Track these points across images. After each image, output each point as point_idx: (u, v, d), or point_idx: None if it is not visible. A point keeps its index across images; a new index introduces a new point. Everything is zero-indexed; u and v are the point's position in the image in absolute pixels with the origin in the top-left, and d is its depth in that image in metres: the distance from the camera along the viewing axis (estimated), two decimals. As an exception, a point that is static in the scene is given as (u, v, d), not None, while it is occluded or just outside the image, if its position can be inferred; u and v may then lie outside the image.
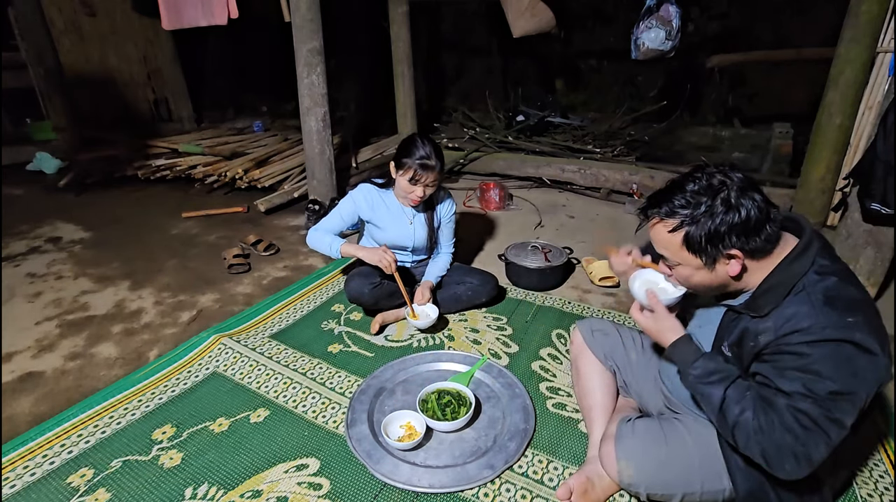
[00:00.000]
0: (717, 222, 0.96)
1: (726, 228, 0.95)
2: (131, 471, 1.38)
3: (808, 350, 0.91)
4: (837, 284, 0.94)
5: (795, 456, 0.92)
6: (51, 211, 3.56)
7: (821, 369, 0.89)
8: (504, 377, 1.73)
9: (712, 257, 0.99)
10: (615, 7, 5.45)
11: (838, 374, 0.89)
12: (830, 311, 0.91)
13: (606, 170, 3.83)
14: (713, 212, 0.96)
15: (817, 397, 0.90)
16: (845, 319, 0.90)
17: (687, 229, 0.98)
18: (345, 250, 1.95)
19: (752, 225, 0.95)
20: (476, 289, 2.15)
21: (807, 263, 0.97)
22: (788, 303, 0.96)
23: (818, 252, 0.99)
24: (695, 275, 1.04)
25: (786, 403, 0.93)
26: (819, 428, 0.91)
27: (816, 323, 0.91)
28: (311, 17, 3.04)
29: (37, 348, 1.98)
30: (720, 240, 0.96)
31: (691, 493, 1.12)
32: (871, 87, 2.58)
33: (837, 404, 0.90)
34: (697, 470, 1.10)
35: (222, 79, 6.48)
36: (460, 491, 1.32)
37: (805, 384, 0.91)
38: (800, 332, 0.92)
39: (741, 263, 0.99)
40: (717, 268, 1.01)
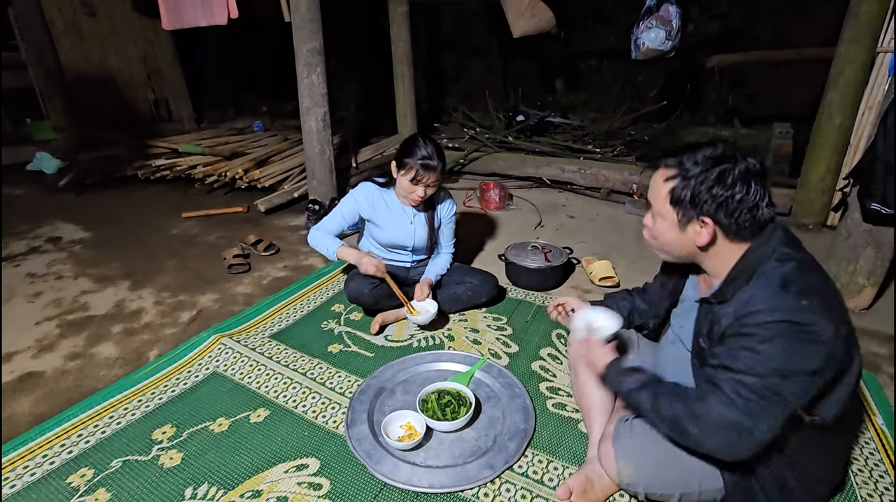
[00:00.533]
0: (704, 187, 1.00)
1: (709, 196, 1.00)
2: (131, 471, 1.38)
3: (758, 330, 0.94)
4: (795, 270, 0.98)
5: (738, 432, 0.95)
6: (51, 211, 3.57)
7: (768, 348, 0.93)
8: (504, 377, 1.73)
9: (687, 217, 1.04)
10: (615, 7, 5.45)
11: (784, 353, 0.92)
12: (784, 294, 0.95)
13: (606, 170, 3.83)
14: (706, 177, 1.00)
15: (762, 374, 0.93)
16: (798, 302, 0.93)
17: (678, 182, 1.04)
18: (341, 254, 1.96)
19: (734, 205, 0.99)
20: (476, 289, 2.15)
21: (768, 250, 1.01)
22: (748, 288, 1.00)
23: (781, 241, 1.02)
24: (667, 232, 1.09)
25: (730, 378, 0.96)
26: (763, 402, 0.93)
27: (769, 305, 0.95)
28: (311, 17, 3.04)
29: (37, 348, 1.98)
30: (700, 203, 1.01)
31: (689, 493, 1.12)
32: (871, 87, 2.58)
33: (782, 382, 0.93)
34: (696, 470, 1.10)
35: (222, 79, 6.48)
36: (460, 491, 1.32)
37: (752, 361, 0.94)
38: (753, 314, 0.96)
39: (711, 235, 1.03)
40: (688, 230, 1.06)
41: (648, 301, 1.47)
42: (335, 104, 3.93)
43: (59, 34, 4.77)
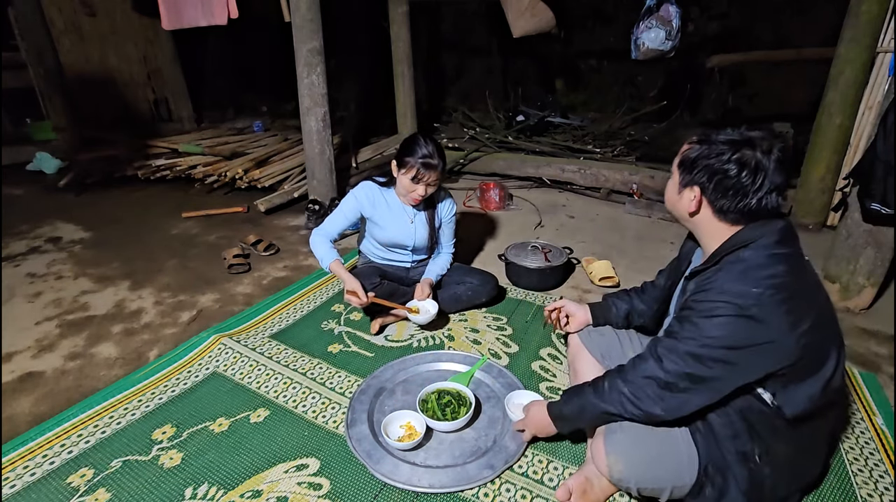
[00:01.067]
0: (705, 157, 1.06)
1: (705, 167, 1.06)
2: (131, 471, 1.38)
3: (701, 306, 1.02)
4: (768, 260, 1.00)
5: (656, 384, 1.05)
6: (51, 211, 3.57)
7: (704, 322, 1.00)
8: (504, 377, 1.73)
9: (685, 181, 1.11)
10: (615, 7, 5.46)
11: (716, 330, 0.99)
12: (740, 279, 0.99)
13: (606, 170, 3.83)
14: (713, 150, 1.05)
15: (692, 342, 1.01)
16: (749, 289, 0.97)
17: (695, 147, 1.09)
18: (333, 268, 1.94)
19: (727, 184, 1.04)
20: (476, 289, 2.15)
21: (753, 236, 1.03)
22: (718, 267, 1.06)
23: (774, 232, 1.03)
24: (670, 191, 1.18)
25: (665, 343, 1.06)
26: (683, 363, 1.02)
27: (720, 286, 1.01)
28: (311, 17, 3.04)
29: (37, 348, 1.98)
30: (694, 170, 1.08)
31: (681, 487, 1.13)
32: (871, 87, 2.58)
33: (705, 352, 1.00)
34: (686, 464, 1.11)
35: (222, 79, 6.48)
36: (460, 491, 1.32)
37: (688, 331, 1.03)
38: (705, 291, 1.03)
39: (697, 205, 1.10)
40: (683, 195, 1.12)
41: (648, 301, 1.48)
42: (335, 104, 3.93)
43: (59, 34, 4.77)
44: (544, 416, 1.29)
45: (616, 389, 1.11)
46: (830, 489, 1.31)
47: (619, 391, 1.11)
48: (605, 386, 1.14)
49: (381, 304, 1.92)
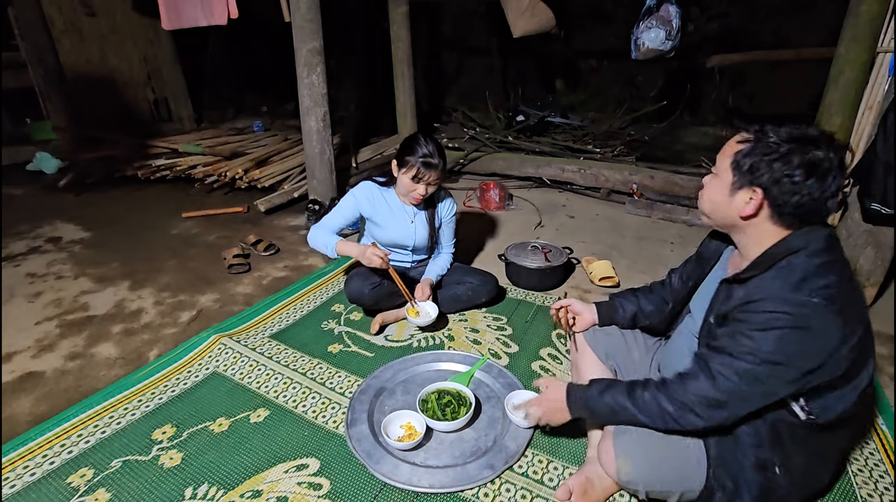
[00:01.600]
0: (768, 158, 0.98)
1: (768, 168, 0.98)
2: (131, 471, 1.38)
3: (757, 317, 0.96)
4: (820, 268, 0.96)
5: (708, 405, 1.00)
6: (51, 211, 3.56)
7: (761, 335, 0.94)
8: (504, 377, 1.73)
9: (741, 183, 1.02)
10: (615, 7, 5.46)
11: (776, 345, 0.93)
12: (797, 289, 0.94)
13: (606, 170, 3.83)
14: (775, 150, 0.97)
15: (750, 360, 0.95)
16: (808, 299, 0.92)
17: (749, 145, 1.01)
18: (340, 249, 1.95)
19: (790, 187, 0.96)
20: (476, 288, 2.15)
21: (802, 242, 0.99)
22: (768, 274, 1.00)
23: (821, 238, 0.99)
24: (716, 192, 1.08)
25: (720, 360, 0.99)
26: (742, 384, 0.97)
27: (777, 295, 0.95)
28: (311, 17, 3.04)
29: (37, 348, 1.98)
30: (757, 172, 0.99)
31: (690, 491, 1.11)
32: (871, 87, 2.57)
33: (767, 371, 0.95)
34: (695, 468, 1.10)
35: (222, 79, 6.48)
36: (460, 491, 1.32)
37: (745, 346, 0.96)
38: (759, 301, 0.96)
39: (756, 207, 1.01)
40: (736, 196, 1.04)
41: (656, 301, 1.45)
42: (335, 104, 3.93)
43: (59, 34, 4.76)
44: (561, 398, 1.23)
45: (657, 403, 1.06)
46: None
47: (662, 407, 1.05)
48: (644, 395, 1.09)
49: (395, 279, 1.92)
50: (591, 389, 1.18)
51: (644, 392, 1.09)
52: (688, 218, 3.28)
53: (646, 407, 1.08)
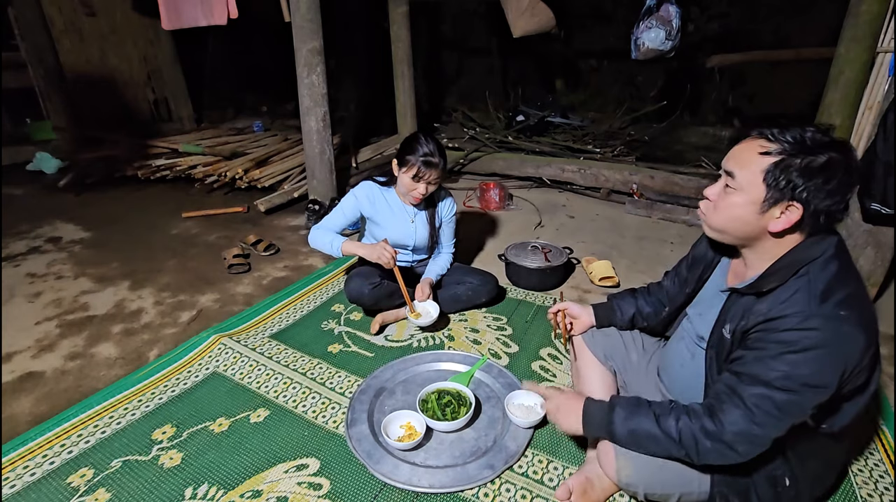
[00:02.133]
0: (807, 171, 0.91)
1: (809, 182, 0.91)
2: (131, 471, 1.38)
3: (789, 336, 0.91)
4: (838, 278, 0.93)
5: (749, 441, 0.95)
6: (51, 211, 3.56)
7: (798, 359, 0.90)
8: (504, 377, 1.73)
9: (775, 198, 0.94)
10: (615, 7, 5.46)
11: (814, 366, 0.89)
12: (824, 302, 0.90)
13: (606, 170, 3.83)
14: (813, 161, 0.91)
15: (790, 388, 0.90)
16: (837, 312, 0.89)
17: (780, 157, 0.93)
18: (346, 248, 1.95)
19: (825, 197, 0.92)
20: (476, 288, 2.15)
21: (818, 251, 0.95)
22: (788, 286, 0.95)
23: (833, 244, 0.96)
24: (740, 208, 0.99)
25: (755, 391, 0.93)
26: (781, 415, 0.92)
27: (806, 311, 0.90)
28: (311, 17, 3.04)
29: (37, 348, 1.98)
30: (797, 186, 0.92)
31: (689, 493, 1.11)
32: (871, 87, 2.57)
33: (806, 396, 0.91)
34: (696, 472, 1.10)
35: (222, 79, 6.48)
36: (460, 491, 1.32)
37: (782, 373, 0.91)
38: (788, 318, 0.91)
39: (790, 223, 0.95)
40: (768, 213, 0.96)
41: (654, 303, 1.44)
42: (335, 104, 3.93)
43: (59, 34, 4.76)
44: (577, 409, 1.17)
45: (692, 438, 0.99)
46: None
47: (699, 443, 0.98)
48: (677, 427, 1.01)
49: (398, 280, 1.91)
50: (613, 414, 1.10)
51: (676, 422, 1.01)
52: (688, 218, 3.28)
53: (680, 439, 1.00)
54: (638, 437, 1.07)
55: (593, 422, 1.15)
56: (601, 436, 1.15)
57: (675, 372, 1.28)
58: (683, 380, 1.23)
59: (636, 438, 1.07)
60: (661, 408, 1.06)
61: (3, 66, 4.59)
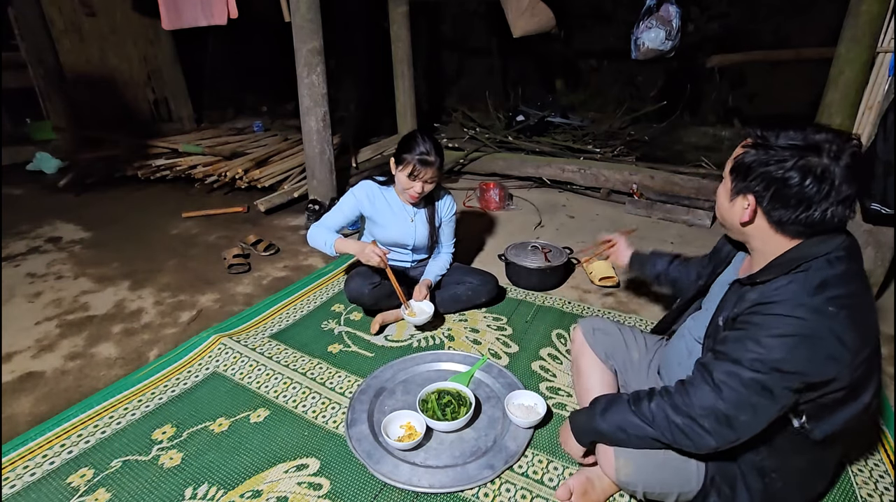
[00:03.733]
0: (762, 163, 0.95)
1: (762, 174, 0.95)
2: (131, 471, 1.38)
3: (771, 321, 0.91)
4: (840, 278, 0.91)
5: (716, 419, 0.95)
6: (51, 211, 3.56)
7: (773, 342, 0.90)
8: (504, 377, 1.73)
9: (737, 189, 1.01)
10: (615, 7, 5.46)
11: (789, 353, 0.89)
12: (815, 295, 0.90)
13: (606, 170, 3.83)
14: (773, 156, 0.94)
15: (758, 369, 0.91)
16: (826, 307, 0.89)
17: (748, 151, 0.99)
18: (338, 246, 1.93)
19: (785, 194, 0.93)
20: (476, 288, 2.15)
21: (822, 250, 0.95)
22: (785, 278, 0.96)
23: (841, 247, 0.95)
24: (720, 197, 1.08)
25: (725, 368, 0.94)
26: (749, 394, 0.92)
27: (794, 299, 0.91)
28: (311, 17, 3.04)
29: (37, 348, 1.98)
30: (750, 178, 0.97)
31: (687, 492, 1.12)
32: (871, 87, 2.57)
33: (776, 380, 0.91)
34: (694, 470, 1.10)
35: (222, 79, 6.48)
36: (460, 491, 1.32)
37: (753, 353, 0.91)
38: (775, 304, 0.92)
39: (751, 214, 1.00)
40: (735, 202, 1.03)
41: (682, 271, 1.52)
42: (335, 104, 3.93)
43: (59, 34, 4.76)
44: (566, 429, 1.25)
45: (664, 414, 1.00)
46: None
47: (669, 418, 0.99)
48: (650, 407, 1.03)
49: (391, 280, 1.90)
50: (593, 409, 1.14)
51: (649, 403, 1.04)
52: (688, 218, 3.28)
53: (656, 423, 1.02)
54: (619, 428, 1.08)
55: (581, 428, 1.18)
56: (590, 439, 1.18)
57: (673, 370, 1.28)
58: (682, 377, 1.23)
59: (618, 429, 1.09)
60: (636, 394, 1.09)
61: (3, 66, 4.59)
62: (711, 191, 3.34)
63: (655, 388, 1.08)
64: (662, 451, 1.10)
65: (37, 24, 4.40)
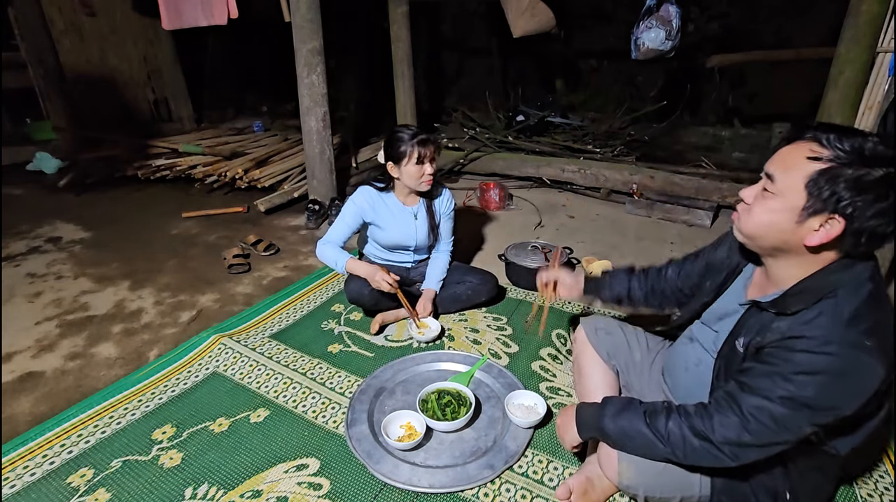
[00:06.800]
0: (857, 184, 0.82)
1: (857, 197, 0.82)
2: (131, 471, 1.38)
3: (805, 359, 0.87)
4: (869, 302, 0.87)
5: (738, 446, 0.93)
6: (51, 211, 3.56)
7: (805, 380, 0.86)
8: (504, 377, 1.73)
9: (817, 208, 0.86)
10: (615, 7, 5.46)
11: (821, 390, 0.86)
12: (849, 328, 0.85)
13: (606, 170, 3.82)
14: (867, 174, 0.82)
15: (789, 406, 0.88)
16: (861, 339, 0.84)
17: (828, 165, 0.84)
18: (349, 267, 1.94)
19: (873, 215, 0.83)
20: (476, 287, 2.15)
21: (850, 275, 0.90)
22: (815, 307, 0.90)
23: (867, 268, 0.91)
24: (777, 215, 0.91)
25: (754, 403, 0.91)
26: (776, 429, 0.90)
27: (827, 335, 0.86)
28: (311, 17, 3.04)
29: (37, 348, 1.98)
30: (842, 199, 0.83)
31: (689, 497, 1.11)
32: (871, 87, 2.57)
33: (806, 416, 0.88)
34: (697, 476, 1.09)
35: (222, 79, 6.48)
36: (460, 491, 1.32)
37: (784, 390, 0.88)
38: (807, 339, 0.87)
39: (829, 237, 0.87)
40: (805, 224, 0.88)
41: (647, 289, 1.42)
42: (335, 104, 3.93)
43: (59, 34, 4.76)
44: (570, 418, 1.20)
45: (681, 437, 0.98)
46: (830, 489, 1.31)
47: (686, 442, 0.97)
48: (667, 426, 1.00)
49: (400, 298, 1.93)
50: (604, 409, 1.11)
51: (667, 421, 1.00)
52: (688, 218, 3.28)
53: (668, 438, 0.99)
54: (626, 434, 1.07)
55: (586, 422, 1.16)
56: (593, 435, 1.16)
57: (679, 375, 1.27)
58: (687, 385, 1.22)
59: (625, 435, 1.07)
60: (652, 407, 1.06)
61: (3, 66, 4.59)
62: (711, 191, 3.34)
63: (673, 405, 1.04)
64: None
65: (37, 24, 4.41)
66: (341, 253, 1.98)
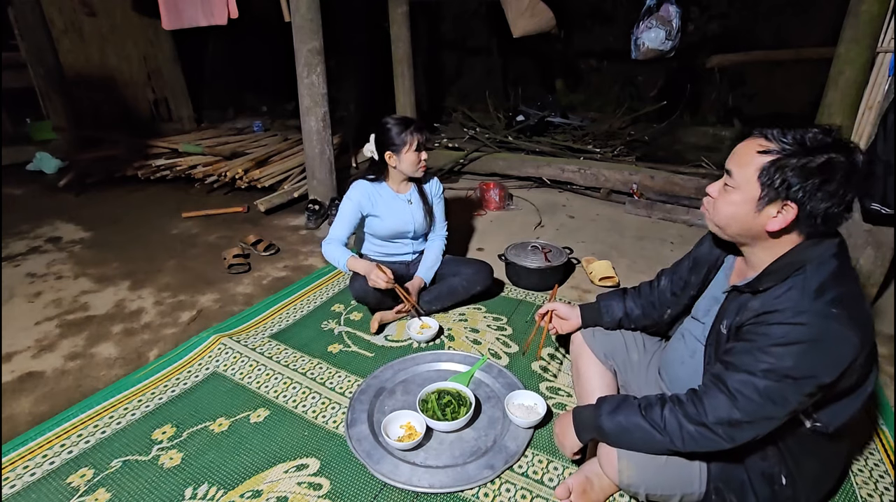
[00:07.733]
0: (803, 171, 0.92)
1: (804, 182, 0.92)
2: (131, 471, 1.38)
3: (776, 330, 0.93)
4: (834, 277, 0.94)
5: (730, 425, 0.97)
6: (51, 211, 3.56)
7: (782, 351, 0.92)
8: (504, 377, 1.73)
9: (770, 197, 0.96)
10: (615, 7, 5.46)
11: (798, 360, 0.91)
12: (816, 299, 0.92)
13: (606, 170, 3.83)
14: (810, 161, 0.91)
15: (771, 378, 0.92)
16: (828, 309, 0.90)
17: (775, 157, 0.94)
18: (350, 265, 1.97)
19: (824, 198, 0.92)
20: (471, 277, 2.16)
21: (817, 252, 0.97)
22: (784, 284, 0.97)
23: (833, 245, 0.97)
24: (737, 206, 1.01)
25: (738, 378, 0.96)
26: (763, 403, 0.94)
27: (797, 306, 0.92)
28: (311, 17, 3.04)
29: (37, 348, 1.98)
30: (792, 187, 0.93)
31: (690, 494, 1.12)
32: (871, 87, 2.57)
33: (789, 387, 0.92)
34: (697, 472, 1.10)
35: (222, 79, 6.48)
36: (460, 491, 1.32)
37: (764, 363, 0.93)
38: (779, 312, 0.94)
39: (788, 222, 0.96)
40: (764, 212, 0.98)
41: (644, 305, 1.44)
42: (335, 104, 3.93)
43: (59, 34, 4.76)
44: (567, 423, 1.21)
45: (677, 424, 1.01)
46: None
47: (683, 428, 1.01)
48: (662, 415, 1.04)
49: (398, 293, 1.96)
50: (600, 408, 1.14)
51: (662, 410, 1.04)
52: (688, 218, 3.28)
53: (665, 426, 1.03)
54: (624, 429, 1.09)
55: (583, 423, 1.18)
56: (592, 435, 1.17)
57: (675, 370, 1.28)
58: (684, 378, 1.24)
59: (623, 430, 1.09)
60: (646, 400, 1.09)
61: (3, 66, 4.59)
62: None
63: (666, 395, 1.08)
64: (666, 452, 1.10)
65: (37, 24, 4.40)
66: (343, 251, 2.01)
